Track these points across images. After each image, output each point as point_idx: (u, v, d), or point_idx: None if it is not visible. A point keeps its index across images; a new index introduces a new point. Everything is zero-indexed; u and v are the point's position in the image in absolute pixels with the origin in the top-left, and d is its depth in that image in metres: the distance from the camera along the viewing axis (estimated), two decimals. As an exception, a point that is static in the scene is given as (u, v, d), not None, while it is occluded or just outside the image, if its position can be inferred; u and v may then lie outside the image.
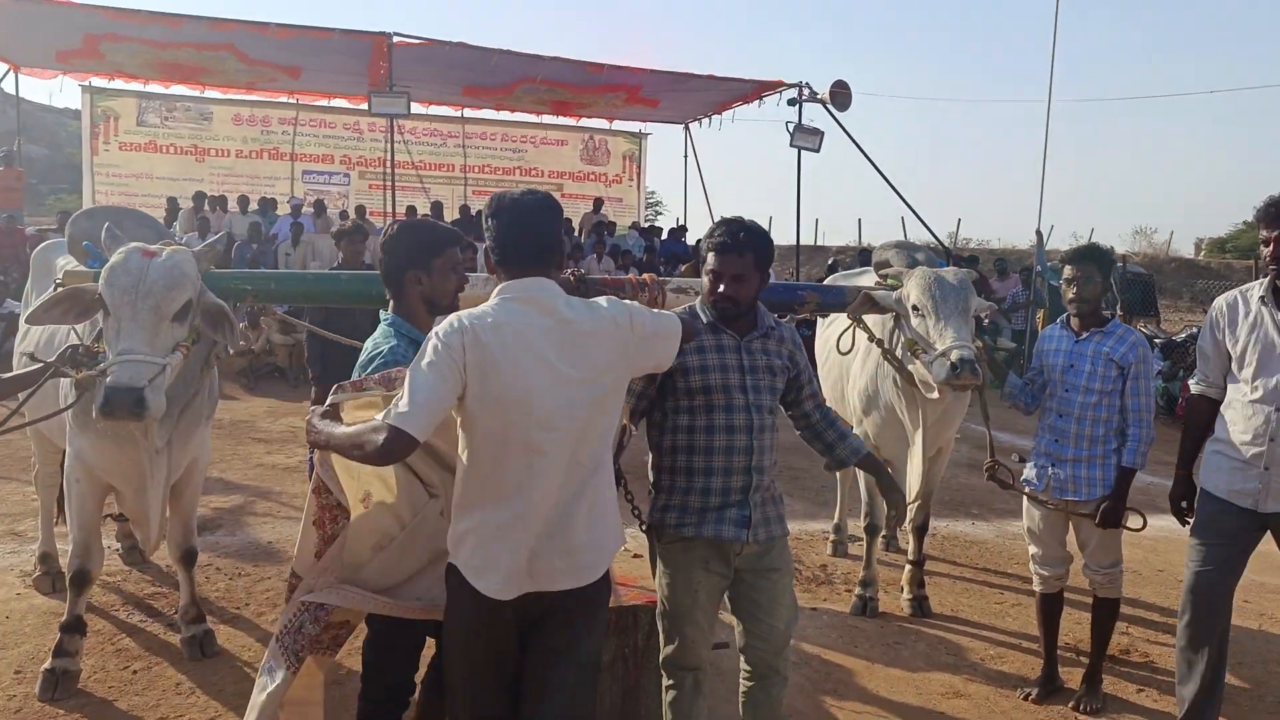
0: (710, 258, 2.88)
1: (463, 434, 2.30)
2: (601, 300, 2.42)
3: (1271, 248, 3.24)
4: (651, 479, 2.97)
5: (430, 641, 2.84)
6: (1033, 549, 4.06)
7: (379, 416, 2.21)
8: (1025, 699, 3.98)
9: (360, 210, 15.42)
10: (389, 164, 13.65)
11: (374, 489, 2.73)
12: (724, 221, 2.91)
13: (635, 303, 2.49)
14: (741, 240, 2.83)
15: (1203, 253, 30.14)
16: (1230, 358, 3.46)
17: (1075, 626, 4.60)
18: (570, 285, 3.19)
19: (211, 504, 6.30)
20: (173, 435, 3.64)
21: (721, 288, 2.83)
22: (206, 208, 14.14)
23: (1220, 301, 3.53)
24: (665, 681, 2.95)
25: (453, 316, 2.26)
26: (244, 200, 14.84)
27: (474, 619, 2.33)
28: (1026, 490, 3.98)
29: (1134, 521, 3.81)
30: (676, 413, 2.86)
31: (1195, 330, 12.33)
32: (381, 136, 15.43)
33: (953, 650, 4.48)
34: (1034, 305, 13.83)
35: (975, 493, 7.39)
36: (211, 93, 16.21)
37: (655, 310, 2.55)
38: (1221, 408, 3.48)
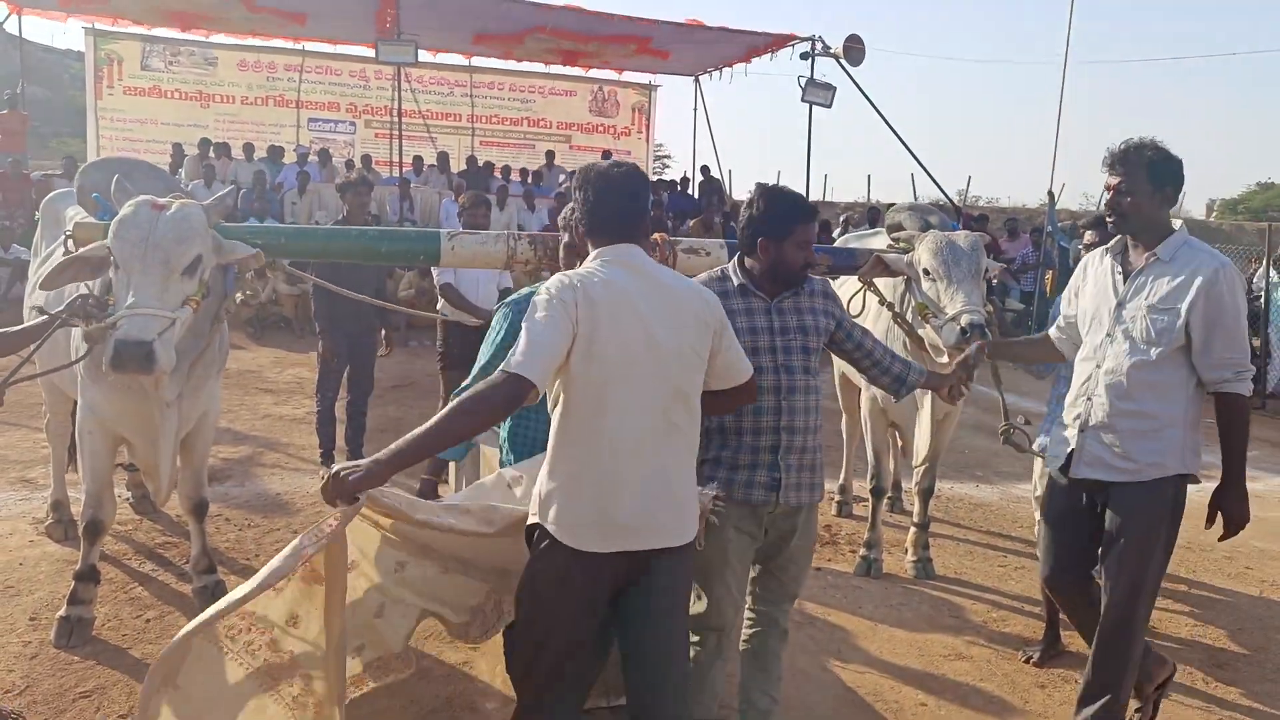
0: (799, 229, 2.89)
1: (564, 390, 2.34)
2: (690, 279, 2.55)
3: (1111, 195, 3.05)
4: None
5: None
6: (1041, 515, 4.06)
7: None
8: (1027, 661, 4.01)
9: (366, 160, 15.32)
10: (396, 113, 13.55)
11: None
12: (783, 191, 2.98)
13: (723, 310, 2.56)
14: (815, 208, 2.98)
15: (1214, 214, 29.87)
16: (1074, 314, 3.31)
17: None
18: None
19: (220, 454, 6.34)
20: (184, 389, 3.65)
21: (807, 256, 2.92)
22: (212, 154, 14.04)
23: (1088, 255, 3.38)
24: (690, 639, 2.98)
25: (561, 274, 2.36)
26: (249, 148, 14.73)
27: (566, 577, 2.35)
28: (1044, 455, 3.97)
29: None
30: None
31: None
32: (388, 85, 15.29)
33: (955, 612, 4.52)
34: (1043, 266, 13.73)
35: (980, 455, 7.41)
36: (216, 37, 16.02)
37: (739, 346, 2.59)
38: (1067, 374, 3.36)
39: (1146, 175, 2.97)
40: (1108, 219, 3.14)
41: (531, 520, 2.41)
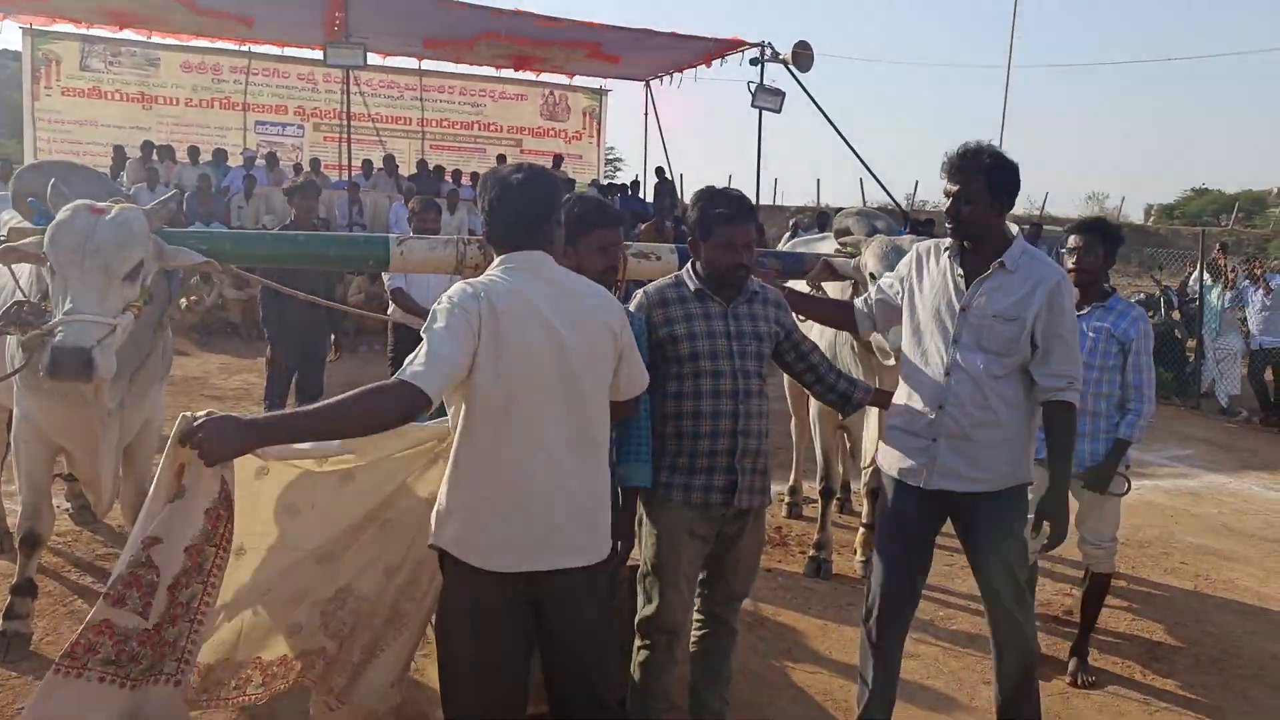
0: (721, 229, 2.90)
1: (467, 404, 2.26)
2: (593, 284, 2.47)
3: (950, 202, 2.96)
4: None
5: None
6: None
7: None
8: None
9: (315, 163, 15.13)
10: (345, 116, 13.41)
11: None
12: (717, 192, 2.96)
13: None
14: (749, 209, 2.93)
15: (1152, 219, 30.64)
16: (908, 310, 3.18)
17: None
18: None
19: (164, 463, 6.22)
20: (125, 397, 3.58)
21: (741, 258, 2.90)
22: (155, 158, 13.76)
23: (921, 247, 3.23)
24: (639, 642, 3.01)
25: (466, 282, 2.27)
26: (194, 151, 14.47)
27: (478, 599, 2.29)
28: None
29: (1118, 486, 3.87)
30: (666, 379, 2.91)
31: (1144, 296, 12.58)
32: (337, 88, 15.12)
33: (903, 611, 4.58)
34: (988, 270, 13.97)
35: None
36: (159, 38, 15.73)
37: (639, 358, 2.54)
38: (901, 377, 3.17)
39: (984, 183, 2.91)
40: (947, 225, 3.03)
41: (432, 543, 2.34)
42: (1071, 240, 3.92)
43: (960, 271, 3.00)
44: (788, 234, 12.41)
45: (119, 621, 2.21)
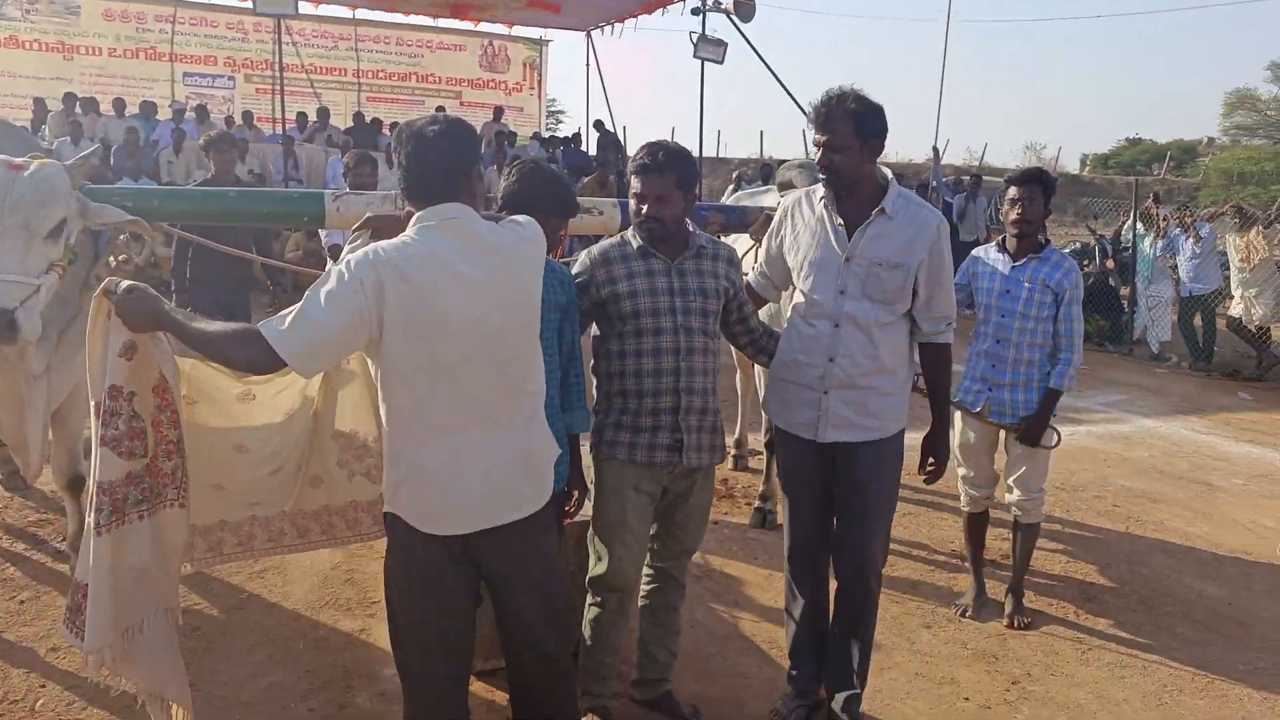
0: (633, 180, 2.86)
1: (386, 374, 2.20)
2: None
3: (821, 153, 2.90)
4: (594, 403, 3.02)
5: None
6: (963, 470, 4.16)
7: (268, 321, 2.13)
8: (961, 615, 4.11)
9: (248, 116, 14.72)
10: (277, 67, 12.99)
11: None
12: (648, 144, 2.91)
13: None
14: (662, 160, 2.82)
15: (1088, 168, 31.16)
16: (790, 265, 3.13)
17: (959, 534, 4.86)
18: None
19: (97, 426, 6.07)
20: (52, 360, 3.47)
21: (646, 209, 2.83)
22: (78, 110, 13.23)
23: (789, 201, 3.18)
24: (589, 599, 3.03)
25: (371, 247, 2.16)
26: (120, 103, 13.93)
27: (423, 562, 2.29)
28: (959, 403, 4.06)
29: (1049, 439, 3.95)
30: (609, 338, 2.91)
31: (1079, 245, 12.81)
32: (268, 38, 14.68)
33: (847, 559, 4.66)
34: (929, 221, 14.11)
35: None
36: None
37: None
38: (786, 329, 3.13)
39: (853, 129, 2.85)
40: (821, 177, 2.99)
41: (386, 509, 2.34)
42: (1013, 191, 3.94)
43: (840, 221, 2.96)
44: (731, 186, 12.39)
45: (134, 469, 2.49)
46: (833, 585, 3.21)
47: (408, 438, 2.24)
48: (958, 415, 4.13)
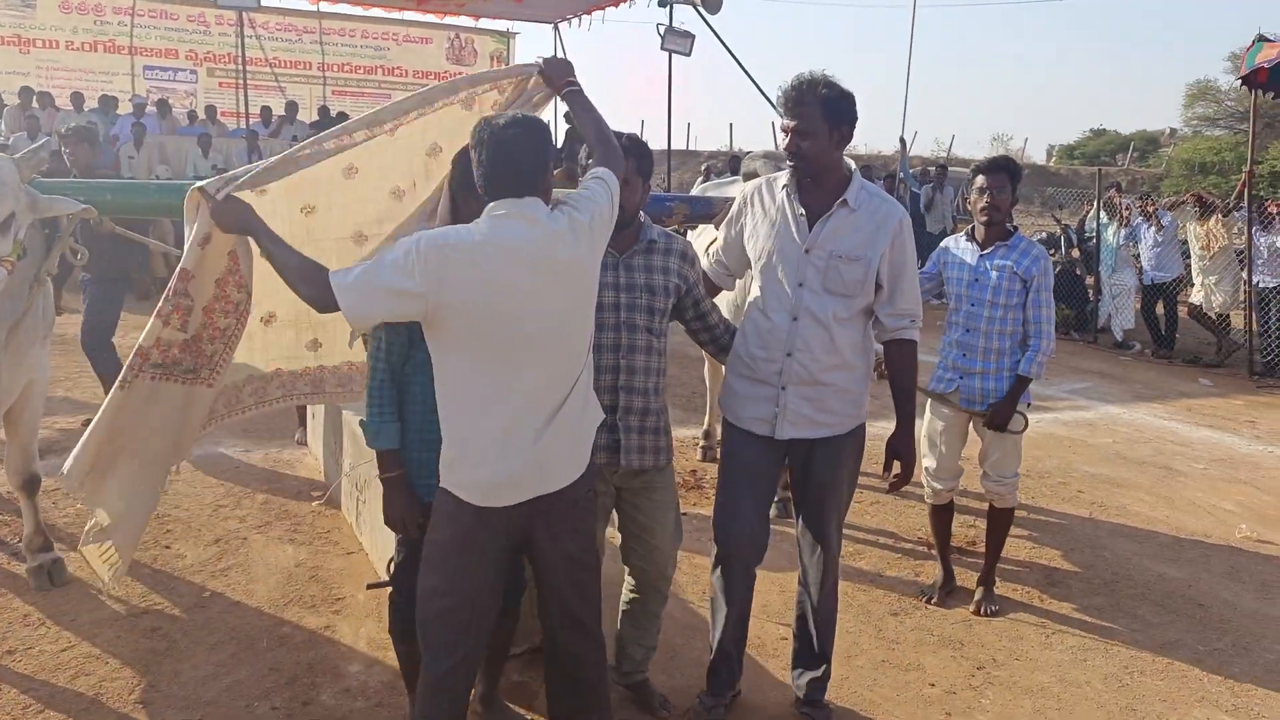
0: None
1: (443, 351, 2.31)
2: (573, 201, 2.41)
3: (790, 138, 2.84)
4: None
5: None
6: (928, 461, 4.15)
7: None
8: (927, 602, 4.12)
9: (211, 110, 14.53)
10: (240, 61, 12.85)
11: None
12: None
13: (587, 193, 2.46)
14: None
15: (1053, 159, 31.45)
16: (749, 254, 3.05)
17: (926, 522, 4.89)
18: None
19: (56, 425, 5.98)
20: (3, 357, 3.41)
21: None
22: (35, 105, 13.02)
23: (749, 188, 3.10)
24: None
25: (439, 230, 2.31)
26: (78, 97, 13.71)
27: (470, 533, 2.37)
28: (931, 391, 4.09)
29: (1016, 424, 3.95)
30: None
31: (1045, 235, 12.94)
32: (231, 30, 14.50)
33: (814, 548, 4.67)
34: (897, 212, 14.18)
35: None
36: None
37: (595, 190, 2.47)
38: (743, 322, 3.06)
39: (823, 115, 2.79)
40: (787, 164, 2.93)
41: (441, 485, 2.41)
42: (981, 180, 3.94)
43: (801, 210, 2.89)
44: (700, 178, 12.39)
45: (164, 336, 2.74)
46: (793, 575, 3.21)
47: (461, 414, 2.32)
48: (927, 405, 4.15)
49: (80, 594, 3.84)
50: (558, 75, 2.84)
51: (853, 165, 2.96)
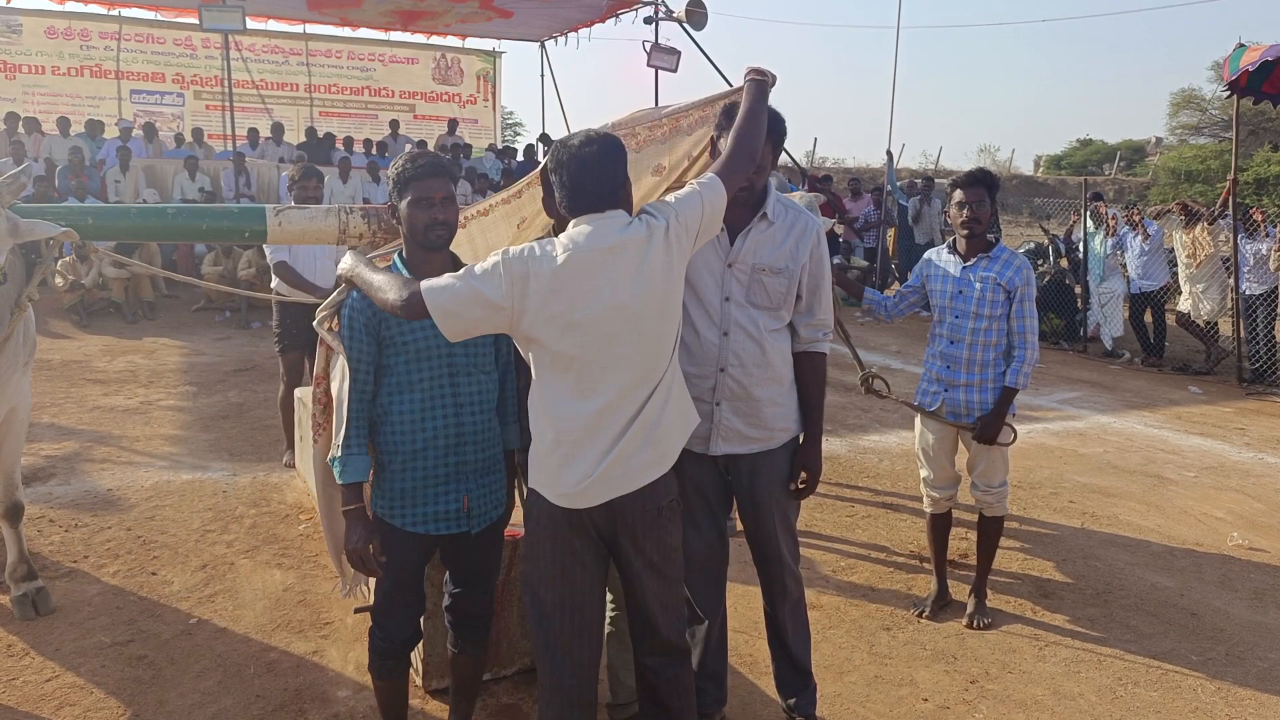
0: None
1: (532, 359, 2.39)
2: (655, 207, 2.45)
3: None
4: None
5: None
6: (924, 472, 4.17)
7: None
8: (920, 616, 4.11)
9: (198, 133, 14.53)
10: (226, 83, 12.83)
11: None
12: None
13: (672, 200, 2.49)
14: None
15: (1040, 170, 31.63)
16: None
17: (918, 535, 4.87)
18: None
19: (42, 452, 5.93)
20: (-17, 384, 3.38)
21: None
22: (21, 130, 12.99)
23: None
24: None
25: (526, 244, 2.36)
26: (64, 122, 13.69)
27: (561, 539, 2.43)
28: (917, 406, 4.09)
29: (1005, 436, 3.94)
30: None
31: (1033, 245, 12.98)
32: (217, 54, 14.50)
33: (806, 564, 4.63)
34: (885, 224, 14.25)
35: (828, 409, 7.64)
36: (18, 2, 14.81)
37: (684, 196, 2.49)
38: None
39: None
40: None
41: (530, 486, 2.48)
42: (959, 194, 3.94)
43: (722, 226, 2.80)
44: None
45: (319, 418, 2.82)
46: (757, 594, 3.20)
47: (545, 416, 2.39)
48: (917, 417, 4.15)
49: (65, 623, 3.80)
50: (757, 72, 2.82)
51: (769, 180, 2.97)
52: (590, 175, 2.36)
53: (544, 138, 16.78)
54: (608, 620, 3.11)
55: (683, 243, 2.44)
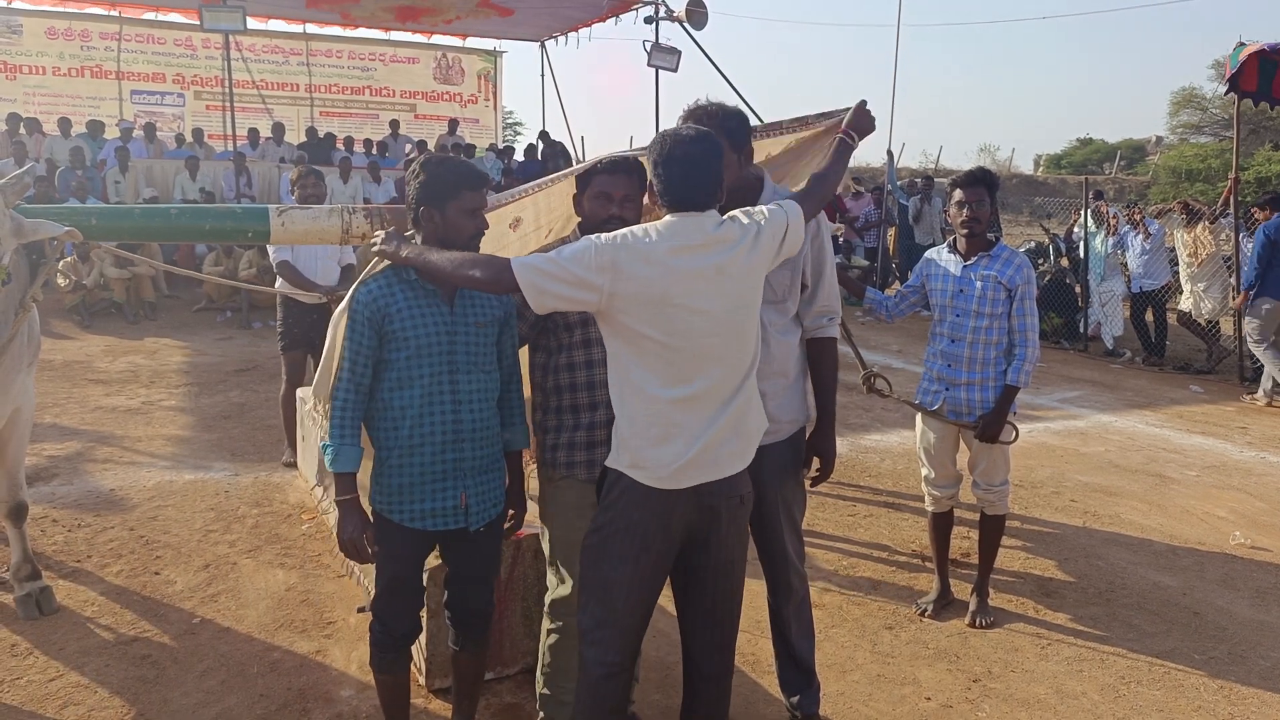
0: (599, 179, 2.79)
1: (619, 342, 2.41)
2: (746, 211, 2.50)
3: None
4: (536, 418, 2.90)
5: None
6: (925, 470, 4.18)
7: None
8: (922, 615, 4.11)
9: (198, 133, 14.54)
10: (226, 83, 12.84)
11: None
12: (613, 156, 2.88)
13: (766, 210, 2.54)
14: (631, 162, 2.80)
15: (1040, 169, 31.61)
16: None
17: (920, 534, 4.88)
18: None
19: (44, 452, 5.94)
20: (-13, 385, 3.38)
21: (614, 210, 2.76)
22: (22, 130, 13.00)
23: None
24: (549, 624, 2.92)
25: (620, 231, 2.40)
26: (65, 122, 13.69)
27: (636, 518, 2.43)
28: (919, 405, 4.10)
29: (1007, 435, 3.94)
30: (558, 350, 2.80)
31: (1034, 244, 12.98)
32: (217, 54, 14.51)
33: (808, 561, 4.62)
34: (885, 223, 14.25)
35: (830, 408, 7.64)
36: (19, 3, 14.83)
37: (771, 211, 2.54)
38: None
39: (729, 143, 2.74)
40: None
41: (609, 464, 2.49)
42: (959, 194, 3.94)
43: None
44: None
45: None
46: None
47: (636, 397, 2.41)
48: (918, 416, 4.15)
49: (68, 623, 3.81)
50: (857, 125, 3.06)
51: (764, 173, 2.99)
52: (698, 174, 2.40)
53: (543, 135, 16.78)
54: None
55: (767, 251, 2.49)
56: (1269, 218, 8.63)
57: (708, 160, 2.42)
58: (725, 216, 2.47)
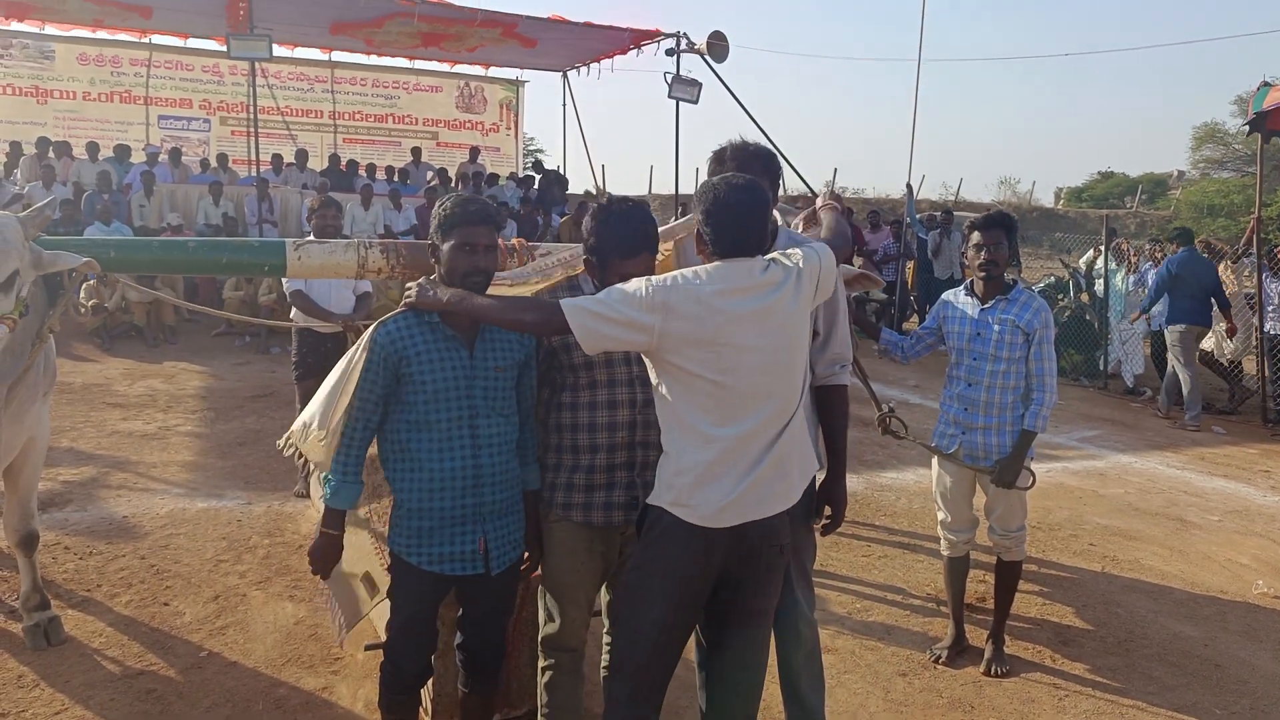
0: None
1: (668, 380, 2.44)
2: (785, 254, 2.53)
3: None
4: (538, 452, 2.86)
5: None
6: (941, 515, 4.13)
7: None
8: (936, 662, 4.05)
9: (222, 158, 14.67)
10: (252, 110, 12.98)
11: None
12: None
13: (800, 252, 2.57)
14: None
15: (1061, 202, 31.51)
16: None
17: (936, 577, 4.81)
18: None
19: (59, 477, 5.96)
20: (3, 414, 3.39)
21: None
22: (51, 154, 13.17)
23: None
24: (543, 662, 2.90)
25: (673, 273, 2.44)
26: (93, 146, 13.86)
27: (677, 554, 2.44)
28: (935, 448, 4.06)
29: (1024, 480, 3.89)
30: (561, 389, 2.78)
31: (1054, 279, 12.90)
32: (244, 80, 14.67)
33: (820, 605, 4.56)
34: (904, 257, 14.20)
35: (846, 444, 7.58)
36: (52, 29, 15.07)
37: (805, 253, 2.57)
38: None
39: (767, 181, 2.82)
40: (784, 219, 3.05)
41: (650, 501, 2.50)
42: (977, 237, 3.92)
43: None
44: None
45: None
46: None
47: (685, 436, 2.43)
48: (934, 460, 4.10)
49: (76, 654, 3.80)
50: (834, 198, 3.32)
51: (778, 216, 2.98)
52: (751, 223, 2.47)
53: (536, 164, 16.77)
54: (603, 664, 3.02)
55: (806, 291, 2.52)
56: (1176, 251, 9.33)
57: (758, 209, 2.47)
58: (768, 259, 2.50)
